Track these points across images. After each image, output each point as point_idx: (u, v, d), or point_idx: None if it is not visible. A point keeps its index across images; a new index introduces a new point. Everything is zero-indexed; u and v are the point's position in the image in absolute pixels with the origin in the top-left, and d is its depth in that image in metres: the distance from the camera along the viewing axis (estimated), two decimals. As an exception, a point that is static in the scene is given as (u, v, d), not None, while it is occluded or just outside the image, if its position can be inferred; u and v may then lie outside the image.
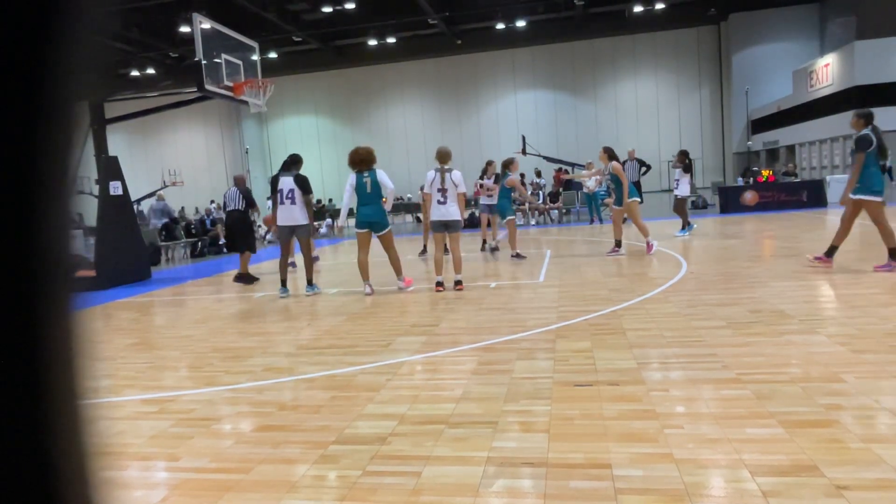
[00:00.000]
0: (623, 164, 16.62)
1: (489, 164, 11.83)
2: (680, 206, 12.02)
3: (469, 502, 2.36)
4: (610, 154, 9.64)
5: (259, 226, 15.79)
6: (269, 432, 3.26)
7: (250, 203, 9.65)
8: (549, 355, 4.30)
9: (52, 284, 0.34)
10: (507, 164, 10.22)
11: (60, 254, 0.35)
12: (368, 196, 7.38)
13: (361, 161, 7.39)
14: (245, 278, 9.33)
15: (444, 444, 2.91)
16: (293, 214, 7.70)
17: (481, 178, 12.05)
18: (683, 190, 11.98)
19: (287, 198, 7.67)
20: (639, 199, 9.66)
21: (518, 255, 9.86)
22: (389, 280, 7.94)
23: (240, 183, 9.79)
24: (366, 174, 7.36)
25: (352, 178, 7.39)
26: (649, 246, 9.41)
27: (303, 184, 7.74)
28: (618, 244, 9.63)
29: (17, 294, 0.33)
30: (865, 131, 6.65)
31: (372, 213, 7.41)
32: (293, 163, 7.90)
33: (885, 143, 6.73)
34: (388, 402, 3.59)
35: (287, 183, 7.69)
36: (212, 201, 27.13)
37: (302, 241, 7.86)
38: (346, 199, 7.51)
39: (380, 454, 2.85)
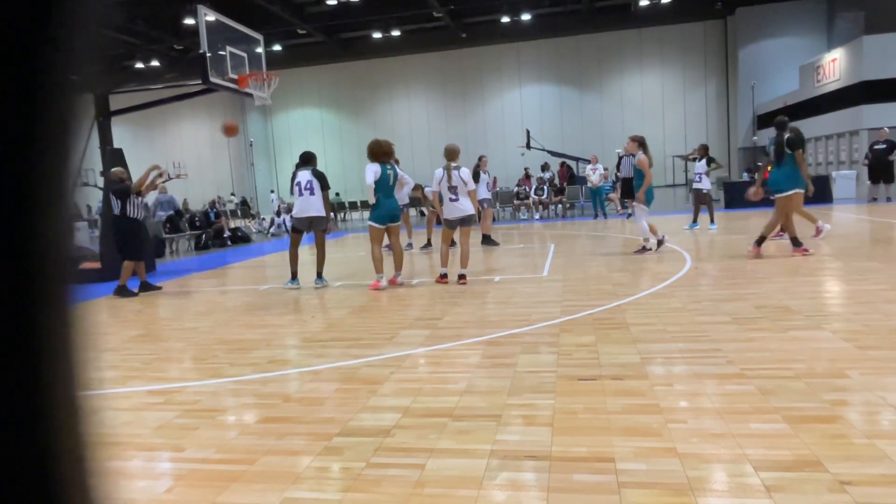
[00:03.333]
0: (620, 160, 16.65)
1: (481, 158, 11.86)
2: (706, 200, 12.01)
3: (472, 495, 2.37)
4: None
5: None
6: (274, 424, 3.27)
7: (124, 202, 8.14)
8: (553, 349, 4.30)
9: (52, 275, 0.34)
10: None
11: (60, 245, 0.35)
12: (391, 189, 7.45)
13: (385, 153, 7.42)
14: (123, 291, 8.19)
15: (447, 437, 2.92)
16: (312, 205, 7.75)
17: (477, 180, 11.97)
18: (706, 184, 12.00)
19: (306, 188, 7.71)
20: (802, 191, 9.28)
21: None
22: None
23: (114, 180, 8.30)
24: (388, 167, 7.40)
25: (376, 168, 7.27)
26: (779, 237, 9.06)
27: (322, 178, 7.82)
28: (818, 227, 9.19)
29: (16, 285, 0.33)
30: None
31: (395, 207, 7.53)
32: (308, 160, 7.93)
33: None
34: (392, 394, 3.60)
35: (305, 175, 7.75)
36: (232, 193, 27.12)
37: (318, 234, 7.90)
38: (373, 187, 7.23)
39: (384, 446, 2.86)
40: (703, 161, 11.89)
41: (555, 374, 3.75)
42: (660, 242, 8.99)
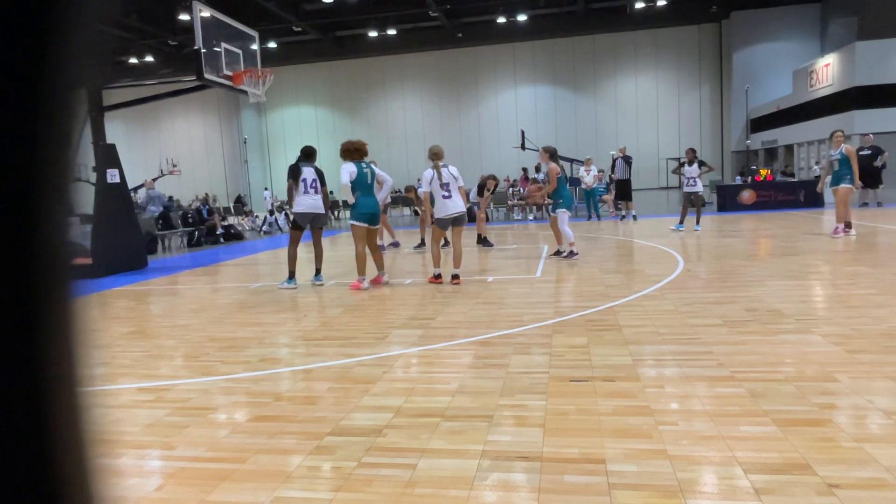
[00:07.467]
0: (614, 161, 16.73)
1: (491, 178, 11.90)
2: (699, 202, 12.30)
3: (464, 495, 2.37)
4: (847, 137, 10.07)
5: None
6: (265, 423, 3.26)
7: None
8: (546, 350, 4.31)
9: (53, 271, 0.34)
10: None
11: (61, 240, 0.35)
12: (370, 187, 7.44)
13: (358, 150, 7.44)
14: None
15: (439, 437, 2.92)
16: (318, 203, 7.81)
17: (480, 193, 11.99)
18: (700, 186, 12.30)
19: (311, 187, 7.78)
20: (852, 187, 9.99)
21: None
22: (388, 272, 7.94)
23: None
24: (365, 165, 7.42)
25: (351, 167, 7.31)
26: (837, 230, 9.76)
27: (323, 176, 7.92)
28: (847, 225, 9.85)
29: (17, 281, 0.33)
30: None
31: (375, 205, 7.47)
32: (311, 154, 7.98)
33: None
34: (384, 394, 3.60)
35: (310, 173, 7.80)
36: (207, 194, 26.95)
37: (316, 231, 7.94)
38: (349, 187, 7.30)
39: (375, 446, 2.86)
40: (695, 165, 12.12)
41: (547, 375, 3.76)
42: (571, 253, 8.95)
